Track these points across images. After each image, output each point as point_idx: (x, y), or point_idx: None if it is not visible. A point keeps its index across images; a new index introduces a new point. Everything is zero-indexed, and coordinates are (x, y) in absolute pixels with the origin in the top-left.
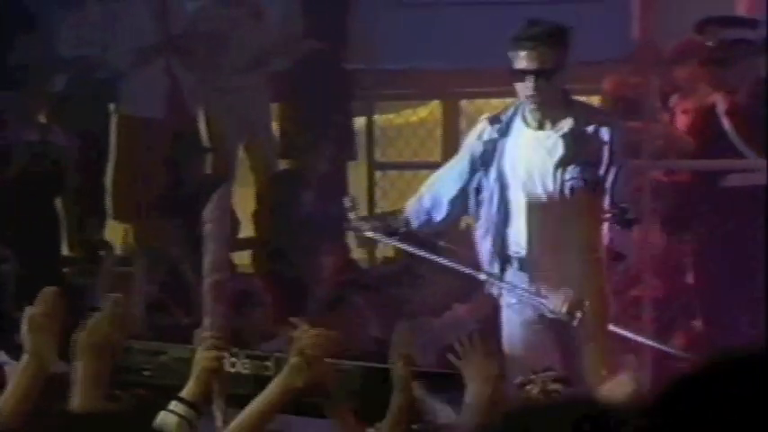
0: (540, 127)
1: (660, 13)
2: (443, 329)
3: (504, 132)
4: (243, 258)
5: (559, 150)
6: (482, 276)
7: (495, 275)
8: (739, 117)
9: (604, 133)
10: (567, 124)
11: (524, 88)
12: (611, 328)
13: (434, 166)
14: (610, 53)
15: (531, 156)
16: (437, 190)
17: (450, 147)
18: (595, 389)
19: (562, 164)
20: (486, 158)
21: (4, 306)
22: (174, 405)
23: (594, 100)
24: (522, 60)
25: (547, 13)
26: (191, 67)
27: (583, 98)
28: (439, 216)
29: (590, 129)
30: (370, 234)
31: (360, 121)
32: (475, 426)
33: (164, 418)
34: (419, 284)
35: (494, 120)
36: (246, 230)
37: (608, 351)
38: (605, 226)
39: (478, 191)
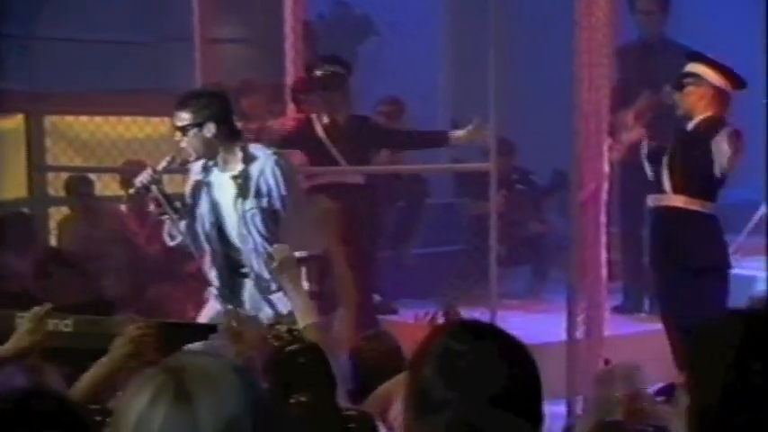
0: (223, 169)
1: (219, 60)
2: None
3: (209, 172)
4: None
5: (233, 188)
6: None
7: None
8: (335, 131)
9: (267, 171)
10: (237, 167)
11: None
12: None
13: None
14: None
15: (220, 191)
16: None
17: (36, 155)
18: None
19: (238, 198)
20: (200, 189)
21: None
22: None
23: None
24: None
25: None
26: None
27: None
28: None
29: (254, 168)
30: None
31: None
32: None
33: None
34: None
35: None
36: None
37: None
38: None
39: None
